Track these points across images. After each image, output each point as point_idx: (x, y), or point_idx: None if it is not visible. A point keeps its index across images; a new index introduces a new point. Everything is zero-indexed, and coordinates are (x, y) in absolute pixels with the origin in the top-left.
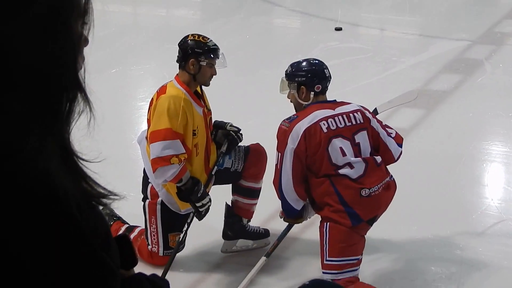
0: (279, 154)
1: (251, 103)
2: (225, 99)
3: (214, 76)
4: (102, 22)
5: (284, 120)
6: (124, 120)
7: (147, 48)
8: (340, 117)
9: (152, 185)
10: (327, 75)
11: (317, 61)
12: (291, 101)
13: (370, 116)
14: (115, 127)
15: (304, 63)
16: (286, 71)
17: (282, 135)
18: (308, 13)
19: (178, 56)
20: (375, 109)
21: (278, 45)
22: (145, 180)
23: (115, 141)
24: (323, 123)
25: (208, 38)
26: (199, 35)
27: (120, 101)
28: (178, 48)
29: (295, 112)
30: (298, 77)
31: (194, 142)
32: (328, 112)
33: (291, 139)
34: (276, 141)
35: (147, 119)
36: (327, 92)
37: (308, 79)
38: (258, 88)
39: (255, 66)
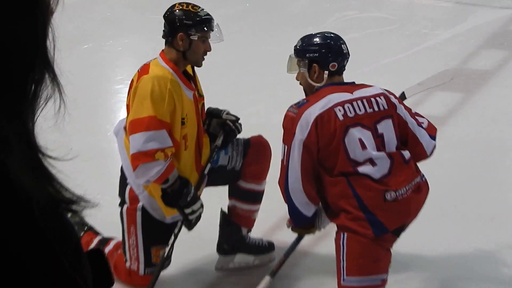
0: (286, 147)
1: (252, 86)
2: (220, 81)
3: (208, 52)
4: None
5: (291, 105)
6: (99, 107)
7: (125, 19)
8: (359, 102)
9: (131, 187)
10: (344, 52)
11: (333, 35)
12: (300, 83)
13: (396, 101)
14: (88, 116)
15: (317, 37)
16: (296, 46)
17: (289, 124)
18: None
19: (163, 30)
20: (403, 93)
21: (284, 15)
22: (123, 181)
23: (87, 134)
24: (339, 109)
25: (199, 7)
26: (188, 4)
27: (94, 84)
28: (163, 20)
29: (305, 96)
30: (310, 52)
31: (183, 132)
32: (345, 96)
33: (300, 128)
34: (282, 131)
35: (126, 105)
36: (344, 72)
37: (321, 56)
38: (260, 68)
39: (257, 41)
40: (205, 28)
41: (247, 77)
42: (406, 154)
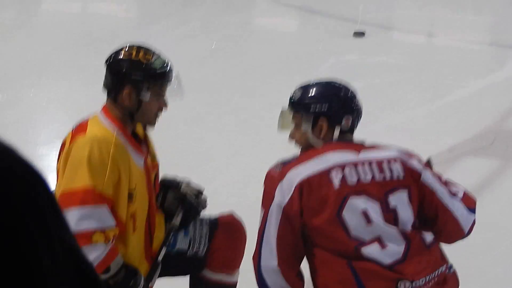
0: (263, 211)
1: (221, 150)
2: (178, 141)
3: (163, 109)
4: None
5: (276, 162)
6: None
7: (54, 64)
8: (366, 165)
9: None
10: (358, 107)
11: (342, 84)
12: (296, 142)
13: (419, 167)
14: None
15: (322, 86)
16: (292, 97)
17: (269, 184)
18: (310, 8)
19: (105, 78)
20: (428, 161)
21: (263, 60)
22: None
23: None
24: (335, 173)
25: (153, 54)
26: (138, 49)
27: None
28: (105, 67)
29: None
30: (317, 104)
31: (131, 210)
32: (347, 156)
33: (280, 191)
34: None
35: (57, 171)
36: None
37: (333, 108)
38: (232, 127)
39: (227, 93)
40: (160, 82)
41: (214, 138)
42: (428, 236)
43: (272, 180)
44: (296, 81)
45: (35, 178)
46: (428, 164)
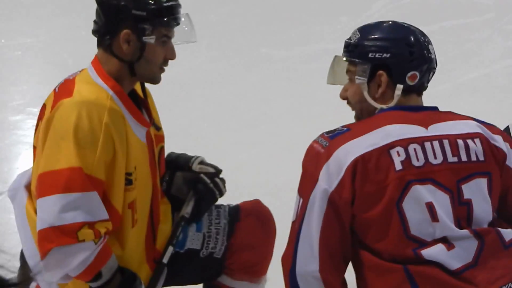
0: (301, 200)
1: (244, 118)
2: (189, 111)
3: (170, 61)
4: None
5: (322, 133)
6: None
7: (32, 3)
8: (436, 143)
9: (37, 284)
10: (432, 57)
11: (412, 27)
12: (349, 103)
13: (505, 147)
14: None
15: (386, 28)
16: (349, 40)
17: (312, 163)
18: None
19: (95, 22)
20: (507, 129)
21: (293, 1)
22: (24, 273)
23: None
24: (398, 151)
25: None
26: None
27: None
28: (95, 5)
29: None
30: (377, 51)
31: (130, 198)
32: (413, 131)
33: (326, 173)
34: (300, 176)
35: (33, 146)
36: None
37: (396, 57)
38: (255, 87)
39: (246, 42)
40: (167, 22)
41: (230, 103)
42: (508, 234)
43: (316, 158)
44: (343, 23)
45: None
46: (508, 134)
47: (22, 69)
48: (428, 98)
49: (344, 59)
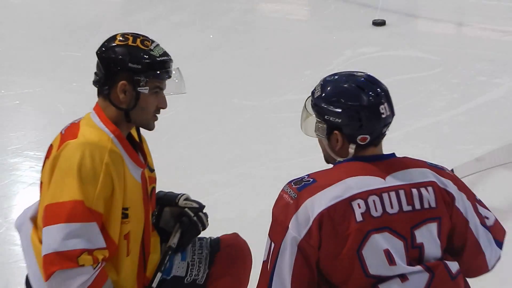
0: (273, 244)
1: (224, 158)
2: (174, 150)
3: (162, 110)
4: None
5: (290, 182)
6: None
7: (28, 57)
8: (393, 194)
9: None
10: (383, 116)
11: (369, 84)
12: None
13: (454, 190)
14: None
15: (344, 87)
16: (313, 93)
17: (282, 212)
18: None
19: (96, 74)
20: (452, 170)
21: (268, 53)
22: None
23: None
24: (358, 204)
25: (151, 41)
26: (135, 36)
27: None
28: (96, 59)
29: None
30: (331, 114)
31: (125, 230)
32: (371, 183)
33: (296, 223)
34: (270, 220)
35: (40, 182)
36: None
37: (347, 122)
38: (234, 131)
39: (227, 92)
40: (159, 73)
41: (212, 142)
42: (454, 266)
43: (286, 209)
44: (307, 76)
45: None
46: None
47: (19, 116)
48: (383, 145)
49: (308, 110)
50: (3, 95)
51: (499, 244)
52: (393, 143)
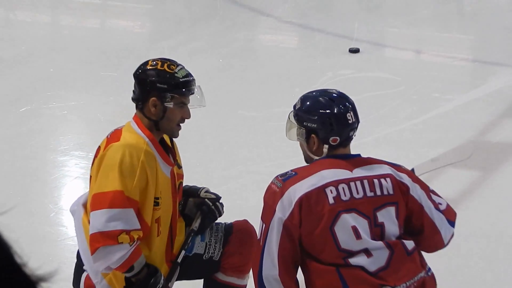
0: (264, 225)
1: (231, 159)
2: (191, 153)
3: (186, 120)
4: (6, 37)
5: (277, 176)
6: (38, 182)
7: (73, 76)
8: (358, 182)
9: (87, 274)
10: (350, 122)
11: (338, 98)
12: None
13: (409, 181)
14: (26, 194)
15: (319, 100)
16: (294, 106)
17: (271, 199)
18: (309, 26)
19: (133, 91)
20: (412, 170)
21: (266, 74)
22: (79, 267)
23: (26, 215)
24: (331, 190)
25: (177, 65)
26: (164, 61)
27: (32, 155)
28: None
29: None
30: (308, 121)
31: (156, 215)
32: (341, 174)
33: (281, 206)
34: (262, 205)
35: (90, 176)
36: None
37: (321, 127)
38: (239, 137)
39: (233, 105)
40: (183, 92)
41: (223, 147)
42: (410, 244)
43: (273, 196)
44: (297, 93)
45: None
46: (413, 173)
47: (67, 123)
48: (356, 148)
49: (291, 120)
50: (54, 106)
51: (452, 224)
52: (365, 147)
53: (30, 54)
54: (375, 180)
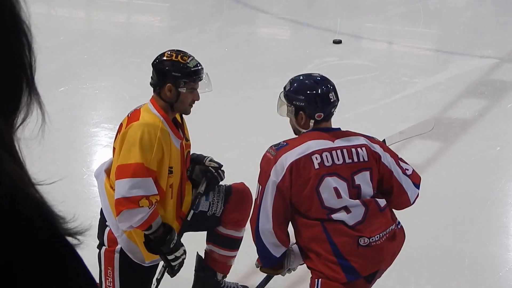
0: (260, 187)
1: (232, 132)
2: (200, 126)
3: (196, 101)
4: (48, 29)
5: (271, 146)
6: (74, 150)
7: (103, 62)
8: (338, 151)
9: (110, 229)
10: (332, 100)
11: (321, 81)
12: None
13: (380, 151)
14: (64, 159)
15: (306, 82)
16: (284, 88)
17: (266, 165)
18: (300, 21)
19: (152, 77)
20: (383, 141)
21: (263, 61)
22: (102, 223)
23: (62, 176)
24: (316, 157)
25: (189, 56)
26: (178, 53)
27: (69, 127)
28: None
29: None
30: (296, 100)
31: (169, 182)
32: (324, 144)
33: (275, 171)
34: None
35: (113, 147)
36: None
37: (308, 105)
38: (240, 113)
39: (236, 86)
40: (194, 79)
41: (226, 123)
42: (382, 202)
43: (268, 162)
44: (289, 76)
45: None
46: (384, 143)
47: (98, 100)
48: (338, 123)
49: (282, 99)
50: (87, 87)
51: (417, 186)
52: (345, 122)
53: (67, 43)
54: (353, 149)
